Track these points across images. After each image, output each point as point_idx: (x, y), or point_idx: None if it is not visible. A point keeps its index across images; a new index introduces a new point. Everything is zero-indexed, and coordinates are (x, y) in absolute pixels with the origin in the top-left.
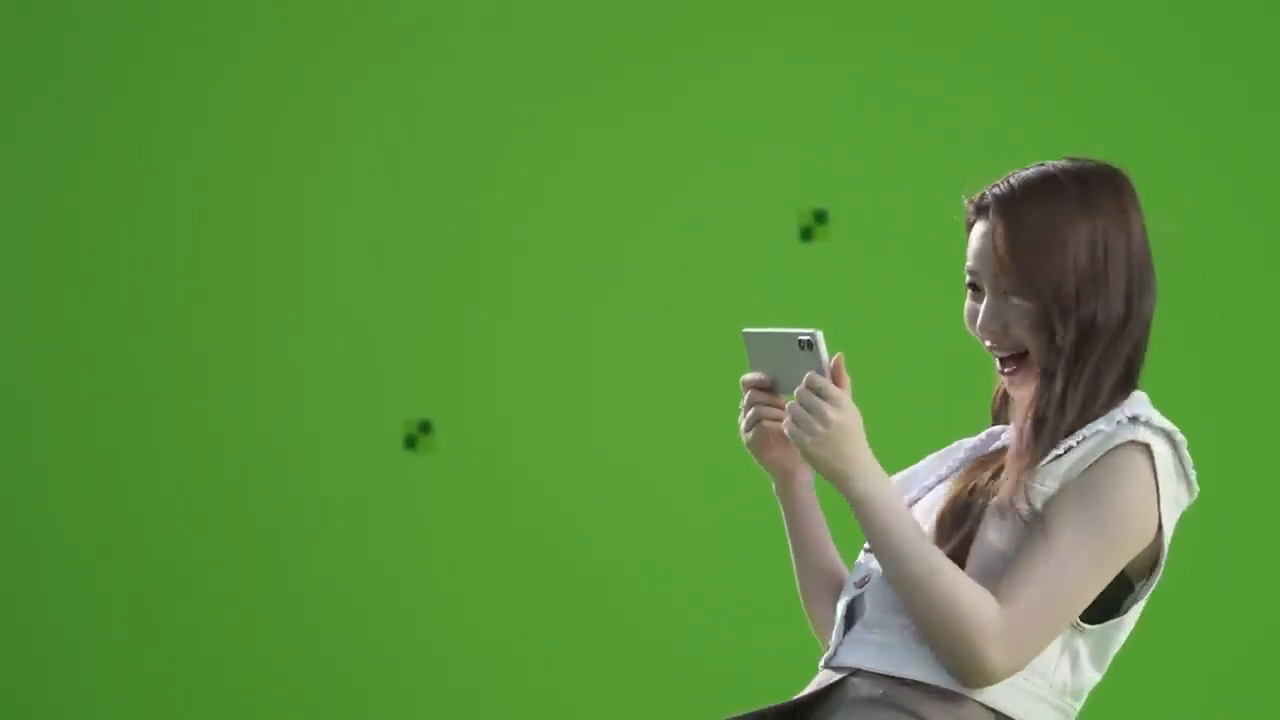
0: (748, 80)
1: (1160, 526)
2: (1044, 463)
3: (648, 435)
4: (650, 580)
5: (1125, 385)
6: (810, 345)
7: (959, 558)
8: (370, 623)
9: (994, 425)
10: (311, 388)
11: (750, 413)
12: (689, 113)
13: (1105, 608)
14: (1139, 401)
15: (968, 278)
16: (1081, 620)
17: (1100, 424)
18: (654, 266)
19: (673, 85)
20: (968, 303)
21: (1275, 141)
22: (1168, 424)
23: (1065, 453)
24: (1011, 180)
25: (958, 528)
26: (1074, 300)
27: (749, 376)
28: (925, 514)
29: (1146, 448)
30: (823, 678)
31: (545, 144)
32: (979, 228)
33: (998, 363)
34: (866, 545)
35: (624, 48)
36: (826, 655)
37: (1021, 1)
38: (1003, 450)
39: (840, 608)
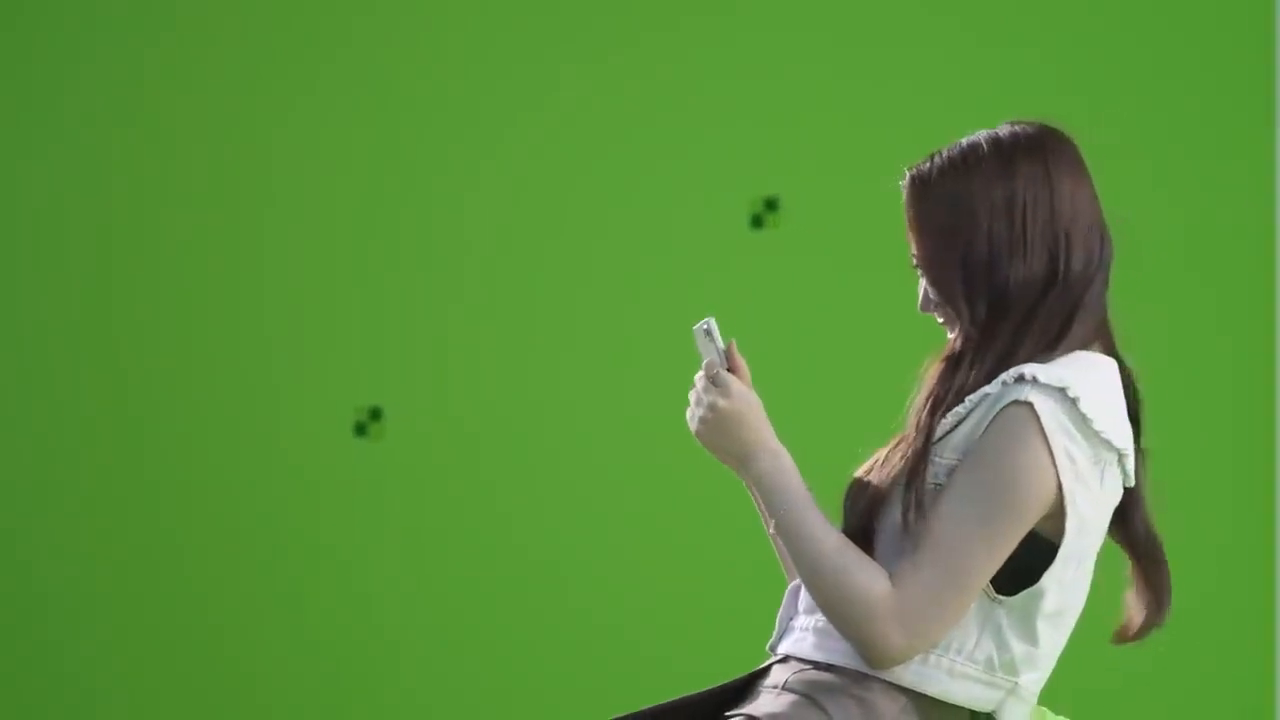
0: (699, 68)
1: (1060, 487)
2: (940, 436)
3: (598, 422)
4: (602, 564)
5: (1051, 350)
6: (709, 333)
7: (865, 539)
8: (321, 609)
9: None
10: (262, 375)
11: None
12: (640, 101)
13: (1027, 576)
14: (1064, 361)
15: (912, 260)
16: (999, 592)
17: (987, 387)
18: (605, 254)
19: (623, 74)
20: (919, 283)
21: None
22: (1066, 379)
23: (959, 423)
24: (933, 157)
25: (858, 508)
26: (985, 270)
27: (699, 374)
28: None
29: (1030, 405)
30: (761, 664)
31: (496, 133)
32: None
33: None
34: None
35: (574, 37)
36: (770, 641)
37: None
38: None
39: (788, 593)
